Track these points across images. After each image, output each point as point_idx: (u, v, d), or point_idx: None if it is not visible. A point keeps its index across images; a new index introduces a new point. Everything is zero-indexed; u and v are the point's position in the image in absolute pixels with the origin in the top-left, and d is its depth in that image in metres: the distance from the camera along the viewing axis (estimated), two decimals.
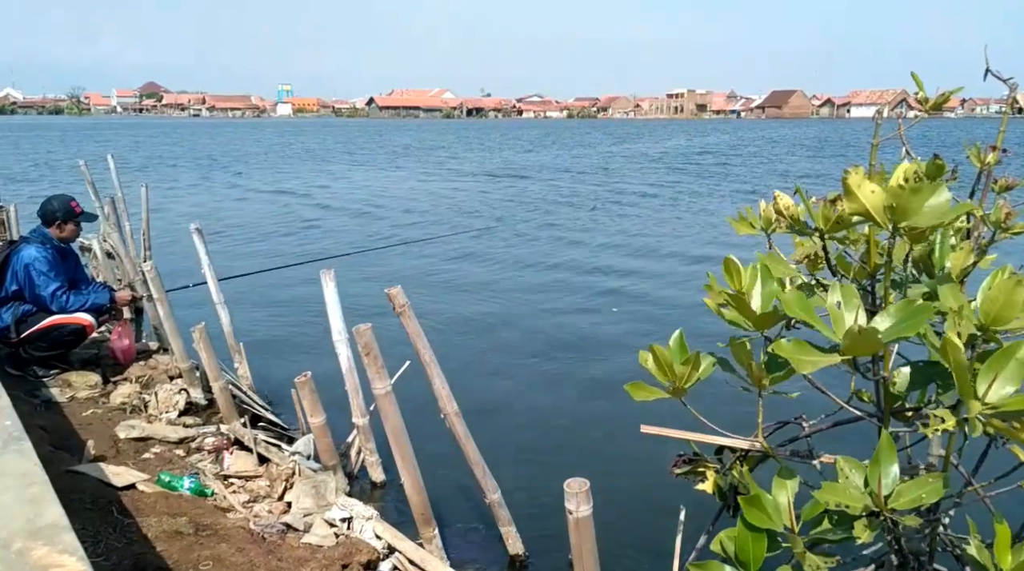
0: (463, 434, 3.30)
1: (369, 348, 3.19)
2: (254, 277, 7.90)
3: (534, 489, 4.08)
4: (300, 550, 3.24)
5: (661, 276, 10.07)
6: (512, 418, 5.37)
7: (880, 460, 1.43)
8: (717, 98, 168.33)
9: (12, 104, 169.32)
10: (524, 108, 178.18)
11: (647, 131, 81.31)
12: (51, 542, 1.50)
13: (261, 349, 6.53)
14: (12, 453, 1.93)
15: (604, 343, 7.07)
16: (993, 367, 1.31)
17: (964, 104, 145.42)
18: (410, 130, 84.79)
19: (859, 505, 1.41)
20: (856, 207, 1.45)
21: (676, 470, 2.14)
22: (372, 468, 4.25)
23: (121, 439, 4.29)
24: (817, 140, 54.33)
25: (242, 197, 20.80)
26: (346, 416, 4.09)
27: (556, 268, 10.71)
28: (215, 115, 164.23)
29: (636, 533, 3.78)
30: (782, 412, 2.20)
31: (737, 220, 2.02)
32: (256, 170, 30.31)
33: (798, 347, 1.48)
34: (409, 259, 11.42)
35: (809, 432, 2.02)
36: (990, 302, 1.48)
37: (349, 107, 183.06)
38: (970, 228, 1.95)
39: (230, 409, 4.58)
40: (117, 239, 7.20)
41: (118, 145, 47.19)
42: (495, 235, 13.75)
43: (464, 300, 8.80)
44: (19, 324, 5.11)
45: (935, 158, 1.78)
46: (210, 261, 5.36)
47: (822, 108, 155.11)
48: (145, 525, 3.14)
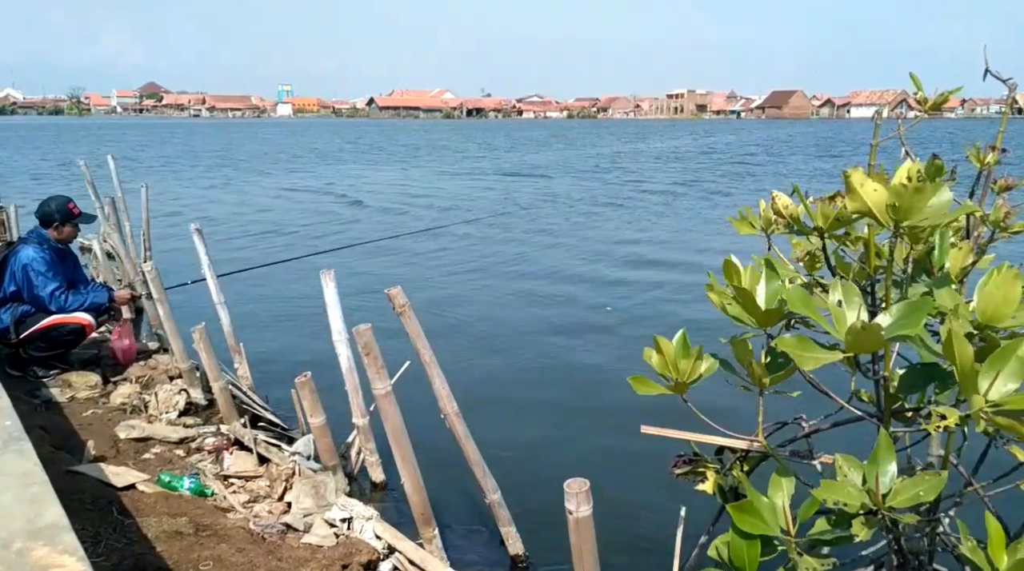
0: (463, 434, 3.30)
1: (369, 348, 3.19)
2: (278, 270, 7.95)
3: (534, 489, 4.08)
4: (300, 550, 3.24)
5: (659, 284, 10.08)
6: (512, 418, 5.37)
7: (878, 458, 1.43)
8: (717, 98, 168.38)
9: (12, 104, 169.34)
10: (524, 108, 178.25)
11: (654, 131, 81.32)
12: (51, 542, 1.50)
13: (261, 349, 6.53)
14: (12, 453, 1.93)
15: (606, 342, 7.08)
16: (995, 364, 1.31)
17: (964, 104, 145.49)
18: (415, 130, 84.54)
19: (856, 503, 1.41)
20: (858, 205, 1.45)
21: (676, 470, 2.14)
22: (372, 468, 4.25)
23: (121, 439, 4.29)
24: (828, 140, 54.52)
25: (279, 195, 21.11)
26: (346, 416, 4.09)
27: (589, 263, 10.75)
28: (215, 115, 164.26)
29: (636, 533, 3.78)
30: (782, 412, 2.20)
31: (738, 220, 2.02)
32: (280, 168, 30.71)
33: (801, 343, 1.47)
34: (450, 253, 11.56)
35: (809, 432, 2.01)
36: (987, 299, 1.49)
37: (349, 107, 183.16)
38: (969, 228, 1.95)
39: (230, 409, 4.58)
40: (117, 239, 7.20)
41: (134, 145, 47.49)
42: (518, 227, 14.01)
43: (484, 297, 8.80)
44: (18, 325, 5.11)
45: (934, 158, 1.78)
46: (210, 261, 5.36)
47: (822, 108, 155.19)
48: (145, 525, 3.14)
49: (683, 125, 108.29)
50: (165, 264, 6.21)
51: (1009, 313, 1.43)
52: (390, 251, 11.60)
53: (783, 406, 2.07)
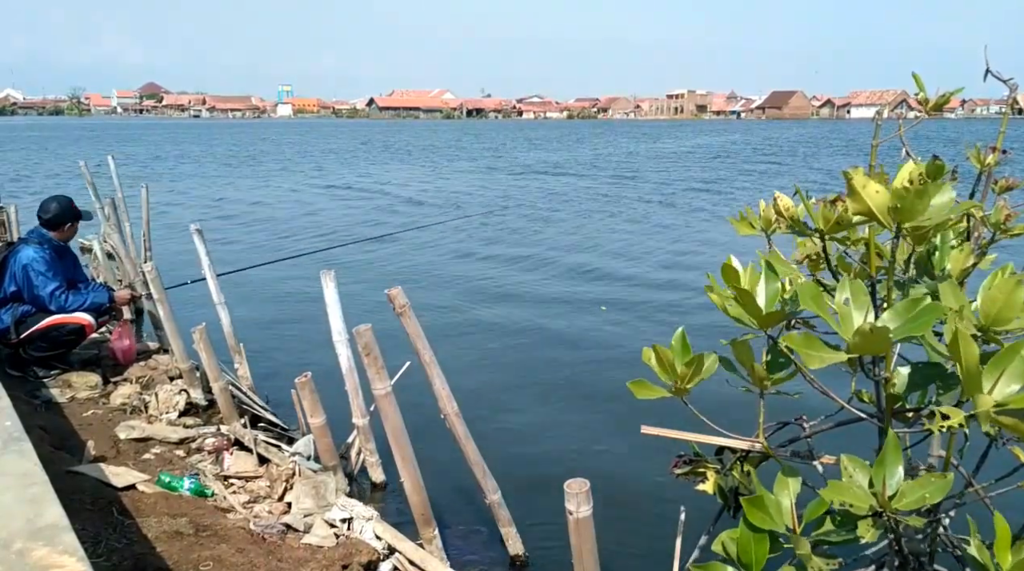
0: (463, 434, 3.30)
1: (369, 348, 3.19)
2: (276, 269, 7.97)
3: (534, 489, 4.07)
4: (300, 551, 3.24)
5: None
6: (512, 418, 5.36)
7: (886, 460, 1.43)
8: (717, 99, 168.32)
9: (12, 105, 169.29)
10: (524, 109, 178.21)
11: (665, 131, 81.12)
12: (51, 542, 1.50)
13: (261, 349, 6.53)
14: (12, 453, 1.93)
15: (609, 342, 7.08)
16: (998, 365, 1.31)
17: (964, 105, 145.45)
18: (422, 131, 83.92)
19: (864, 504, 1.40)
20: (860, 207, 1.45)
21: (676, 470, 2.13)
22: (372, 468, 4.25)
23: (121, 439, 4.28)
24: (844, 140, 54.58)
25: (322, 192, 21.36)
26: (346, 416, 4.09)
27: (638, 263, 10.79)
28: (215, 116, 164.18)
29: (636, 533, 3.77)
30: (781, 413, 2.19)
31: (738, 220, 2.01)
32: (300, 167, 30.75)
33: (808, 341, 1.47)
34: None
35: (810, 433, 2.01)
36: (990, 302, 1.48)
37: (349, 107, 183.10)
38: (970, 229, 1.94)
39: (230, 409, 4.58)
40: (117, 239, 7.20)
41: (148, 145, 47.38)
42: (562, 224, 14.26)
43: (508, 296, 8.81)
44: (18, 325, 5.11)
45: (934, 159, 1.78)
46: (210, 261, 5.36)
47: (822, 109, 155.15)
48: (145, 526, 3.14)
49: (699, 125, 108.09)
50: (166, 264, 6.20)
51: (1012, 316, 1.43)
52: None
53: (783, 406, 2.07)
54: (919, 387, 1.69)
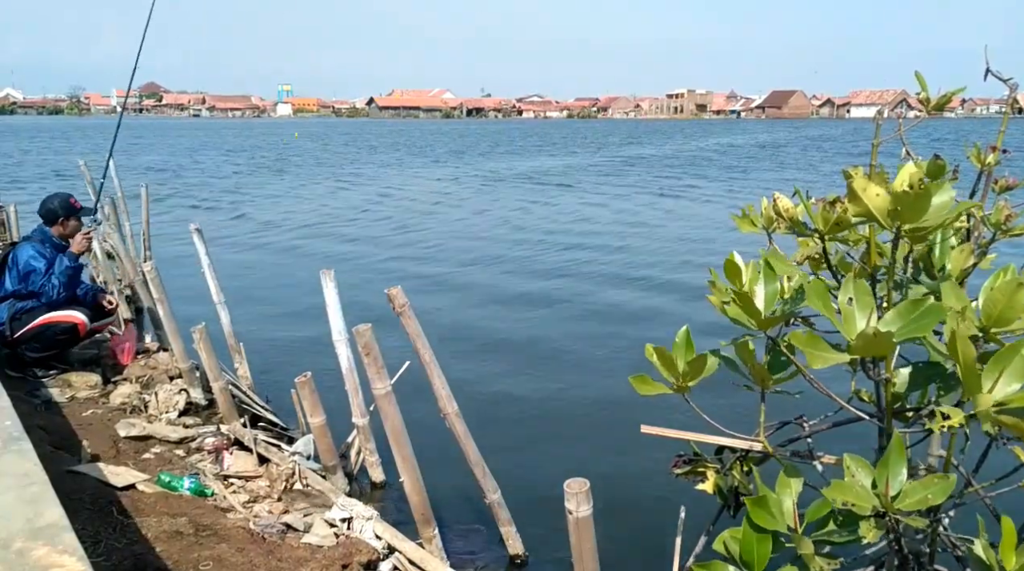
0: (463, 434, 3.30)
1: (369, 348, 3.19)
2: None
3: (534, 489, 4.07)
4: (300, 550, 3.24)
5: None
6: (512, 418, 5.36)
7: (890, 461, 1.42)
8: (717, 98, 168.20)
9: (12, 104, 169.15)
10: (524, 108, 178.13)
11: (676, 130, 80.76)
12: (51, 542, 1.50)
13: (261, 349, 6.52)
14: (12, 453, 1.93)
15: (609, 343, 7.08)
16: (998, 364, 1.31)
17: (964, 104, 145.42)
18: (428, 132, 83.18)
19: (867, 505, 1.40)
20: (860, 209, 1.44)
21: (676, 470, 2.13)
22: (372, 468, 4.25)
23: (121, 439, 4.28)
24: (851, 139, 54.53)
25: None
26: (346, 416, 4.09)
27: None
28: (215, 115, 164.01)
29: (636, 533, 3.77)
30: (781, 412, 2.19)
31: (740, 218, 2.01)
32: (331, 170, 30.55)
33: (812, 340, 1.47)
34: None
35: (810, 432, 2.01)
36: (992, 303, 1.48)
37: (349, 107, 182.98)
38: (970, 229, 1.94)
39: (230, 409, 4.58)
40: (117, 239, 7.20)
41: (162, 147, 47.17)
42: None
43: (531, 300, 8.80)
44: (13, 321, 5.12)
45: (935, 158, 1.77)
46: (210, 261, 5.36)
47: (822, 108, 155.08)
48: (145, 525, 3.13)
49: (706, 125, 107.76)
50: (166, 265, 6.20)
51: (1014, 317, 1.42)
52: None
53: (783, 405, 2.07)
54: (919, 387, 1.69)
